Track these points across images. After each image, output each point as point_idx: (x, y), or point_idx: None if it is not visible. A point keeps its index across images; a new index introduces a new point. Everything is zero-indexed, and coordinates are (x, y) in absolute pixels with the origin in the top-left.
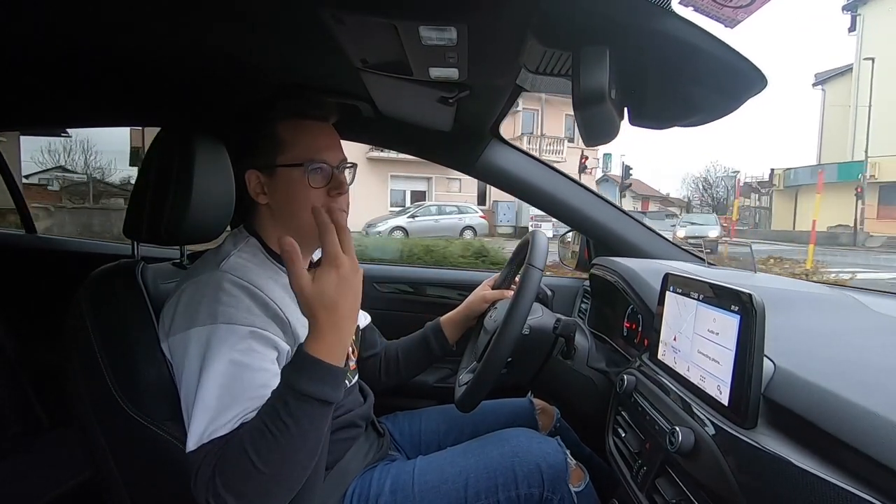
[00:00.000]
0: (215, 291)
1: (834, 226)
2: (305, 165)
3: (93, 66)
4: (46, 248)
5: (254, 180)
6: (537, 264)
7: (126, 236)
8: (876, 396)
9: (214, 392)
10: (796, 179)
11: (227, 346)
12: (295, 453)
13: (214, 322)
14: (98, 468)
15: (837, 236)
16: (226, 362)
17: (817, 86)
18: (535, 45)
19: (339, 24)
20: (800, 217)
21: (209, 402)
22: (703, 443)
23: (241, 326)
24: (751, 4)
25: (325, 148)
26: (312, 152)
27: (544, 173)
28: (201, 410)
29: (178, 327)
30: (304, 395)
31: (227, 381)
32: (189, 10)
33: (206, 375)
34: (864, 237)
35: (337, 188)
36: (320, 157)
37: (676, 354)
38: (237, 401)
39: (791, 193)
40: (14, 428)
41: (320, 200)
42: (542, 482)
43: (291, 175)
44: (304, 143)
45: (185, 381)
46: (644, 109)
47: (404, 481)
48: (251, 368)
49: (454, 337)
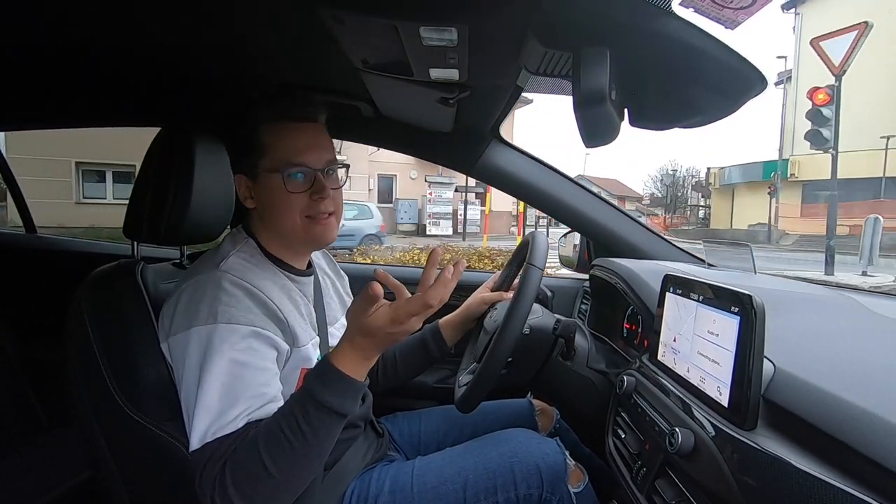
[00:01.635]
0: (215, 291)
1: (754, 224)
2: (282, 171)
3: (93, 65)
4: (46, 247)
5: (241, 185)
6: (537, 264)
7: (126, 236)
8: (875, 398)
9: (216, 391)
10: (730, 178)
11: (228, 346)
12: (308, 462)
13: (215, 321)
14: (98, 468)
15: (756, 234)
16: (227, 361)
17: (779, 84)
18: (535, 46)
19: (339, 24)
20: (736, 215)
21: (211, 401)
22: (703, 444)
23: (241, 326)
24: (751, 6)
25: (305, 150)
26: (290, 155)
27: (545, 174)
28: (203, 410)
29: (178, 327)
30: (325, 407)
31: (229, 381)
32: (189, 9)
33: (208, 375)
34: (778, 235)
35: (318, 192)
36: (299, 161)
37: (676, 355)
38: (240, 400)
39: (728, 192)
40: (14, 428)
41: (303, 204)
42: (541, 483)
43: (272, 180)
44: (283, 146)
45: (186, 380)
46: (644, 110)
47: (403, 482)
48: (252, 367)
49: (452, 339)
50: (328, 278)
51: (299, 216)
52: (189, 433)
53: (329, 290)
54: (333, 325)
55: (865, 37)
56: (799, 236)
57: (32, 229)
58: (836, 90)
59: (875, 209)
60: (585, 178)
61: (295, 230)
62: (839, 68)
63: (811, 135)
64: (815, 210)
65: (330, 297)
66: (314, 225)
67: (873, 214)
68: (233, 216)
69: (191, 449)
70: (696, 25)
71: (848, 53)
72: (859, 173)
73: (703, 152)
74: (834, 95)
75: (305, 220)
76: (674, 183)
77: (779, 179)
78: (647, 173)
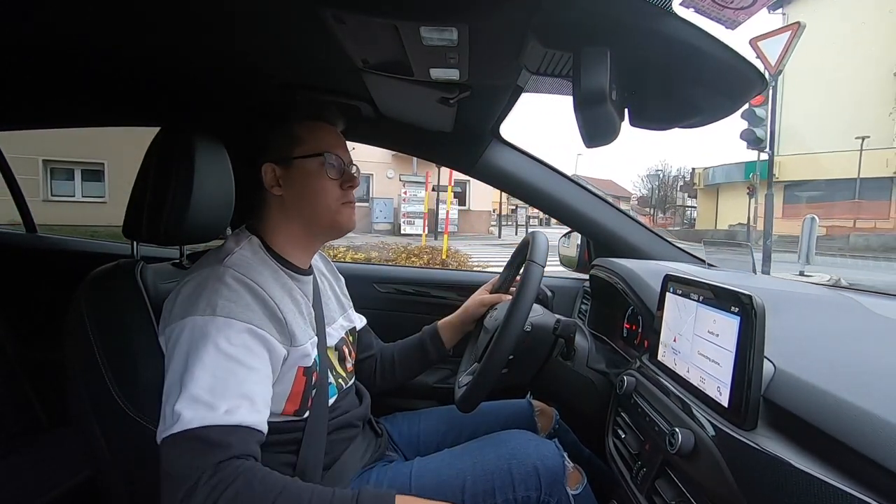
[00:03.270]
0: (217, 285)
1: (734, 224)
2: (325, 156)
3: (93, 65)
4: (46, 247)
5: (269, 173)
6: (538, 261)
7: (125, 236)
8: (875, 398)
9: (206, 381)
10: (714, 178)
11: (224, 339)
12: None
13: (213, 314)
14: (98, 468)
15: (735, 234)
16: (221, 354)
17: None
18: (535, 46)
19: (339, 24)
20: (721, 216)
21: (200, 390)
22: (703, 444)
23: (238, 322)
24: (752, 6)
25: (338, 145)
26: (328, 146)
27: (545, 174)
28: (189, 397)
29: (175, 316)
30: None
31: (221, 374)
32: (189, 9)
33: (199, 363)
34: (757, 235)
35: (349, 181)
36: (336, 151)
37: (676, 356)
38: (228, 395)
39: (713, 192)
40: (14, 427)
41: (335, 192)
42: (539, 485)
43: (308, 166)
44: (320, 138)
45: (174, 365)
46: (645, 110)
47: (401, 483)
48: (245, 366)
49: (451, 341)
50: (325, 279)
51: (334, 202)
52: (165, 417)
53: (327, 290)
54: (331, 325)
55: (799, 37)
56: (777, 237)
57: (32, 229)
58: (773, 90)
59: (853, 210)
60: (578, 178)
61: (329, 213)
62: (775, 68)
63: (746, 134)
64: (797, 210)
65: (328, 297)
66: (346, 210)
67: (810, 214)
68: (233, 216)
69: (167, 432)
70: (697, 25)
71: (783, 53)
72: (840, 174)
73: (703, 153)
74: (769, 96)
75: (339, 206)
76: (661, 183)
77: (757, 180)
78: (637, 173)
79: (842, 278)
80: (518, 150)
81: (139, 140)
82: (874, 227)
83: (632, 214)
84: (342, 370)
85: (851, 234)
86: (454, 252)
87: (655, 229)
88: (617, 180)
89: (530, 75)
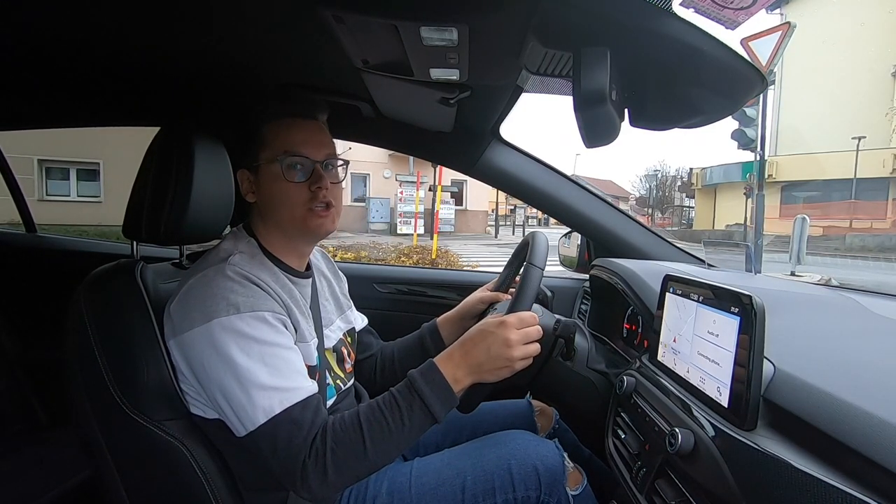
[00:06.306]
0: (229, 283)
1: (732, 224)
2: (280, 159)
3: (92, 65)
4: (46, 247)
5: (244, 179)
6: (538, 263)
7: (125, 236)
8: (875, 398)
9: (263, 371)
10: (712, 179)
11: (256, 330)
12: (398, 450)
13: (238, 311)
14: (98, 468)
15: (732, 234)
16: (260, 344)
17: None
18: (535, 46)
19: (339, 24)
20: (719, 216)
21: (262, 379)
22: (703, 444)
23: (263, 312)
24: (751, 6)
25: (304, 142)
26: (290, 146)
27: (545, 174)
28: (258, 388)
29: (193, 322)
30: (427, 409)
31: (269, 360)
32: (189, 10)
33: (245, 359)
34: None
35: (316, 182)
36: (297, 151)
37: (676, 356)
38: (286, 376)
39: (710, 193)
40: (14, 427)
41: (300, 196)
42: (539, 485)
43: (272, 170)
44: (283, 138)
45: (219, 370)
46: (645, 111)
47: (401, 483)
48: (283, 346)
49: (450, 337)
50: (325, 280)
51: (299, 207)
52: (240, 417)
53: (325, 291)
54: (328, 328)
55: (789, 37)
56: (774, 236)
57: (32, 229)
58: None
59: (850, 210)
60: (578, 178)
61: (294, 221)
62: (766, 67)
63: (736, 134)
64: (794, 210)
65: (326, 298)
66: (312, 216)
67: (801, 215)
68: (233, 216)
69: (253, 427)
70: (697, 25)
71: (773, 53)
72: (837, 174)
73: (701, 153)
74: (759, 96)
75: (305, 211)
76: (659, 184)
77: (755, 180)
78: (636, 174)
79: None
80: (518, 150)
81: (135, 140)
82: (871, 228)
83: (631, 214)
84: (341, 371)
85: (848, 235)
86: (444, 251)
87: (655, 229)
88: (616, 180)
89: (530, 75)
